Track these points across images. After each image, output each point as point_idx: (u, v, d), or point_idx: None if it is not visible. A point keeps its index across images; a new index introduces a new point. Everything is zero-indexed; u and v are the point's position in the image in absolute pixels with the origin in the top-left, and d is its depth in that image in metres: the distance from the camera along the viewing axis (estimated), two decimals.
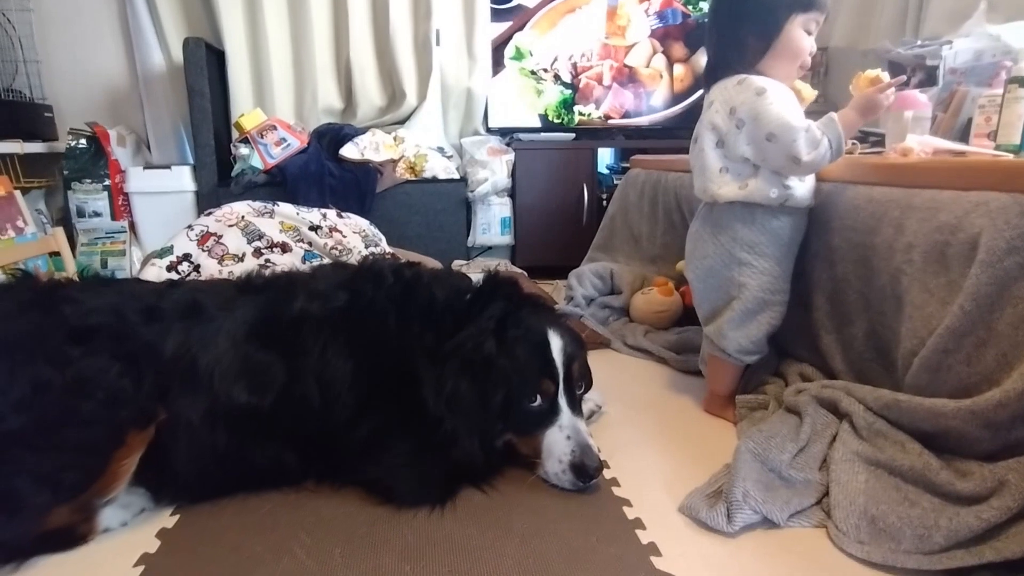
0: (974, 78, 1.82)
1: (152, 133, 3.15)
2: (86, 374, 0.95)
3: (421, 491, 1.10)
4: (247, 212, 1.97)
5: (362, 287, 1.21)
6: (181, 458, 1.05)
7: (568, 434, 1.14)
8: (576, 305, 2.22)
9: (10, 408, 0.90)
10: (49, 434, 0.92)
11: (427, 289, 1.24)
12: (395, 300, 1.20)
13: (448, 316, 1.20)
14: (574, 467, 1.11)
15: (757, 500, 1.03)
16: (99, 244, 2.84)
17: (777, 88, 1.26)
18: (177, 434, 1.03)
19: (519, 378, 1.14)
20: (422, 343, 1.16)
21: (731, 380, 1.45)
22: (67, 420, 0.93)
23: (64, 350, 0.96)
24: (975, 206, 1.03)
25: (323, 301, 1.17)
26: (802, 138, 1.21)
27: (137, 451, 1.00)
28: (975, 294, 0.97)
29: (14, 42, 2.83)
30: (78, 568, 0.96)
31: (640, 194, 2.42)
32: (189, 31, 3.04)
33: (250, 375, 1.09)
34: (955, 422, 0.98)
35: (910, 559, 0.91)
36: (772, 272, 1.34)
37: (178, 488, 1.09)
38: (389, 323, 1.17)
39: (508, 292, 1.26)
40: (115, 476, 0.98)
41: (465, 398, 1.11)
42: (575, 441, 1.13)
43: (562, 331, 1.22)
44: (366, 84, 3.23)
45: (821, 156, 1.22)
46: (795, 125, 1.21)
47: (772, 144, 1.23)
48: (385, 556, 0.96)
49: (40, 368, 0.93)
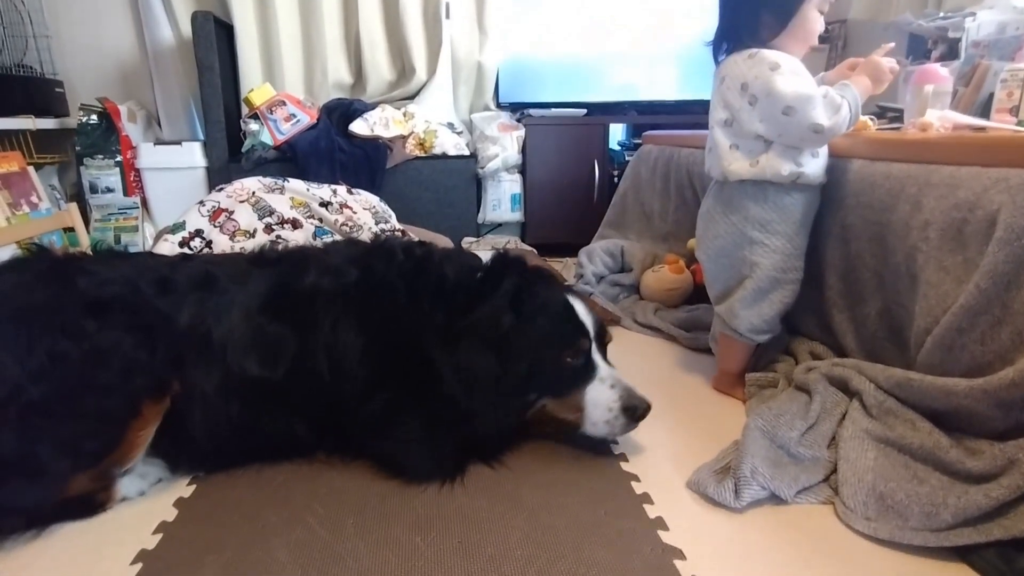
0: (997, 51, 1.77)
1: (162, 108, 3.15)
2: (102, 345, 0.97)
3: (432, 466, 1.11)
4: (258, 188, 1.98)
5: (374, 264, 1.22)
6: (196, 428, 1.07)
7: (611, 383, 1.18)
8: (586, 283, 2.21)
9: (29, 378, 0.92)
10: (67, 403, 0.94)
11: (438, 267, 1.24)
12: (406, 277, 1.21)
13: (460, 294, 1.21)
14: (626, 410, 1.16)
15: (765, 476, 1.03)
16: (112, 220, 2.86)
17: (789, 61, 1.23)
18: (192, 404, 1.05)
19: (551, 342, 1.16)
20: (433, 321, 1.17)
21: (742, 359, 1.45)
22: (84, 390, 0.95)
23: (80, 322, 0.97)
24: (994, 183, 1.01)
25: (335, 276, 1.18)
26: (820, 105, 1.19)
27: (153, 422, 1.02)
28: (992, 272, 0.96)
29: (24, 17, 2.82)
30: (98, 535, 0.99)
31: (652, 170, 2.40)
32: (198, 5, 3.02)
33: (262, 347, 1.10)
34: (967, 401, 0.97)
35: (917, 536, 0.92)
36: (784, 250, 1.33)
37: (193, 458, 1.12)
38: (400, 300, 1.18)
39: (518, 269, 1.27)
40: (132, 445, 1.01)
41: (483, 375, 1.12)
42: (620, 387, 1.18)
43: (577, 296, 1.27)
44: (376, 59, 3.20)
45: (843, 119, 1.20)
46: (811, 94, 1.19)
47: (790, 117, 1.21)
48: (396, 527, 0.98)
49: (57, 339, 0.95)
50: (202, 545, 0.95)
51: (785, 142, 1.26)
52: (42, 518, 0.98)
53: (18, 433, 0.91)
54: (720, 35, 1.34)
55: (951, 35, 2.04)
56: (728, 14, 1.33)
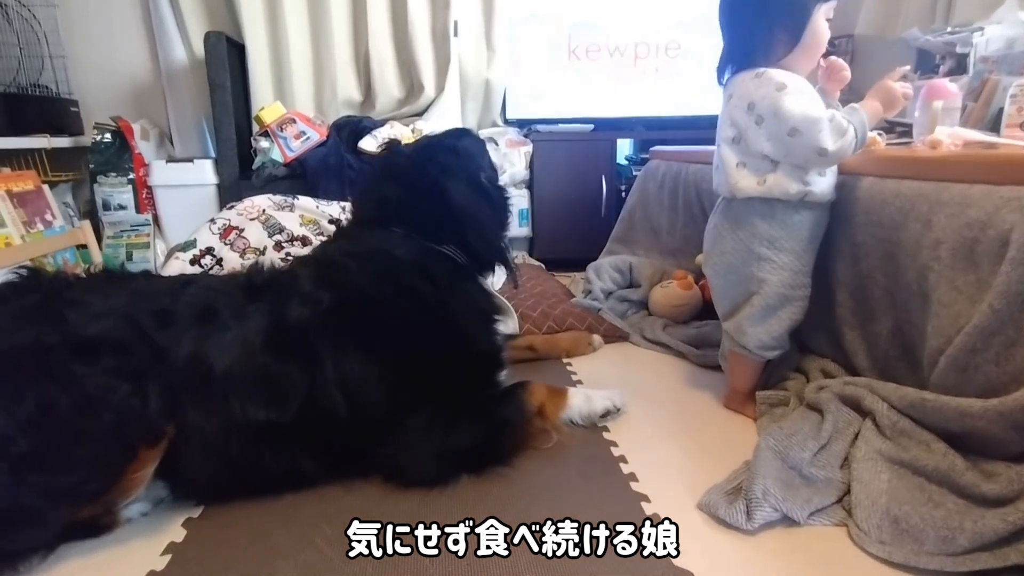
0: (1006, 66, 1.77)
1: (175, 127, 3.19)
2: (94, 393, 0.92)
3: (433, 467, 1.12)
4: (268, 206, 2.00)
5: (343, 278, 1.21)
6: (195, 469, 1.04)
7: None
8: (594, 298, 2.21)
9: (18, 430, 0.88)
10: (59, 455, 0.90)
11: (394, 257, 1.26)
12: (389, 274, 1.23)
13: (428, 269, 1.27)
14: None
15: (777, 498, 1.02)
16: (124, 237, 2.89)
17: (796, 82, 1.23)
18: (191, 446, 1.02)
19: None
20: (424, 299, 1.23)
21: (752, 376, 1.44)
22: (77, 440, 0.91)
23: (70, 366, 0.92)
24: (1006, 202, 1.00)
25: (314, 305, 1.15)
26: (827, 128, 1.18)
27: (151, 463, 0.99)
28: (1005, 292, 0.95)
29: (40, 38, 2.88)
30: (108, 556, 0.99)
31: (660, 186, 2.40)
32: (210, 25, 3.07)
33: (266, 387, 1.08)
34: (982, 422, 0.96)
35: (933, 560, 0.90)
36: (792, 267, 1.32)
37: (192, 492, 1.10)
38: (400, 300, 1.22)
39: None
40: (130, 485, 0.98)
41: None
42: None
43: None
44: (385, 76, 3.23)
45: (848, 144, 1.19)
46: (818, 116, 1.19)
47: (795, 139, 1.21)
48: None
49: (47, 387, 0.90)
50: (211, 566, 0.95)
51: (791, 162, 1.26)
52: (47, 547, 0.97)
53: (9, 487, 0.88)
54: (726, 58, 1.34)
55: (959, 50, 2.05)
56: (740, 37, 1.31)
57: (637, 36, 3.20)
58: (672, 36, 3.20)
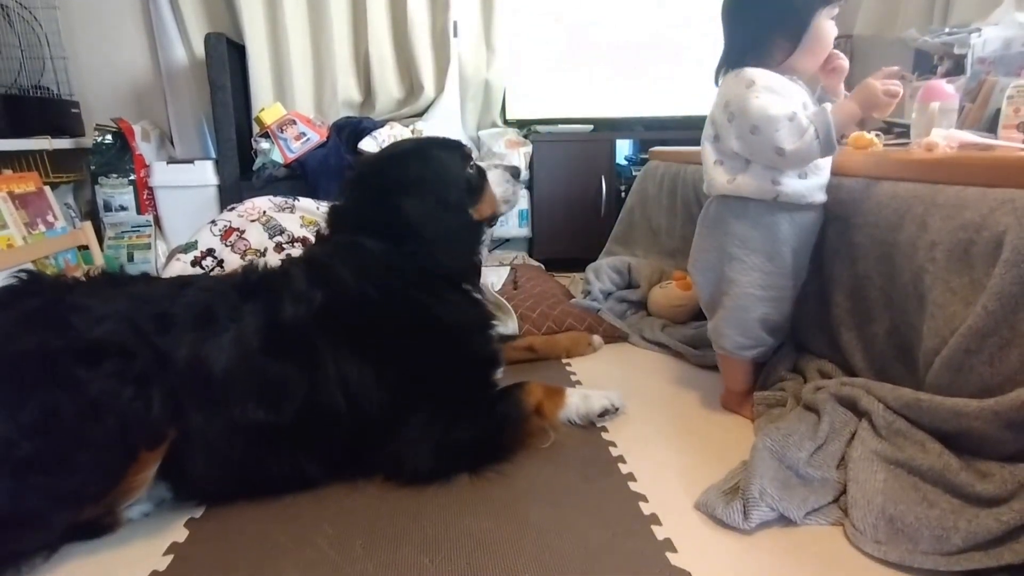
0: (1003, 68, 1.78)
1: (175, 128, 3.20)
2: (97, 397, 0.93)
3: (432, 460, 1.13)
4: (268, 207, 2.00)
5: (338, 276, 1.21)
6: (196, 470, 1.05)
7: (496, 168, 1.53)
8: (593, 299, 2.22)
9: (22, 434, 0.89)
10: (62, 458, 0.92)
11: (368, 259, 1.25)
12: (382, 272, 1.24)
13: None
14: (511, 173, 1.53)
15: (774, 497, 1.03)
16: (125, 238, 2.90)
17: (767, 78, 1.22)
18: (192, 447, 1.04)
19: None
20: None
21: (743, 376, 1.45)
22: (80, 444, 0.92)
23: (74, 371, 0.94)
24: (1000, 204, 1.01)
25: (307, 304, 1.17)
26: (784, 128, 1.17)
27: (152, 465, 1.00)
28: (999, 294, 0.96)
29: (41, 39, 2.88)
30: (110, 556, 1.00)
31: (659, 186, 2.41)
32: (211, 26, 3.08)
33: (265, 390, 1.09)
34: (977, 422, 0.97)
35: (927, 560, 0.91)
36: (763, 268, 1.31)
37: (194, 493, 1.11)
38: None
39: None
40: (132, 487, 1.00)
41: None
42: (500, 167, 1.54)
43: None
44: (385, 77, 3.24)
45: (807, 146, 1.16)
46: (775, 115, 1.17)
47: (756, 137, 1.20)
48: (405, 548, 0.98)
49: (50, 391, 0.92)
50: (213, 566, 0.96)
51: (757, 160, 1.26)
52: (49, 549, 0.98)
53: (12, 489, 0.89)
54: (723, 59, 1.34)
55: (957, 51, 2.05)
56: (739, 39, 1.31)
57: (637, 36, 3.21)
58: (672, 36, 3.21)
